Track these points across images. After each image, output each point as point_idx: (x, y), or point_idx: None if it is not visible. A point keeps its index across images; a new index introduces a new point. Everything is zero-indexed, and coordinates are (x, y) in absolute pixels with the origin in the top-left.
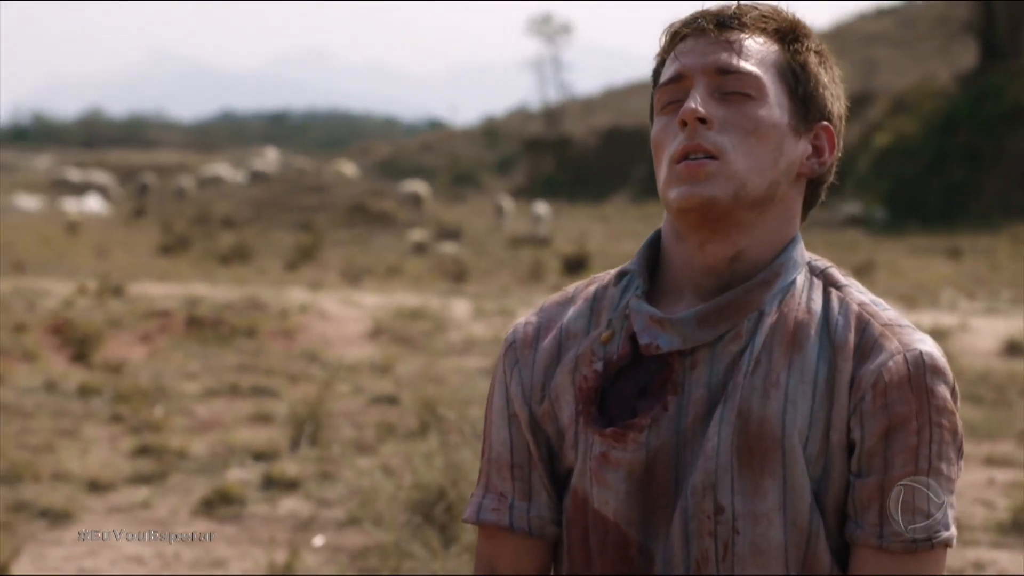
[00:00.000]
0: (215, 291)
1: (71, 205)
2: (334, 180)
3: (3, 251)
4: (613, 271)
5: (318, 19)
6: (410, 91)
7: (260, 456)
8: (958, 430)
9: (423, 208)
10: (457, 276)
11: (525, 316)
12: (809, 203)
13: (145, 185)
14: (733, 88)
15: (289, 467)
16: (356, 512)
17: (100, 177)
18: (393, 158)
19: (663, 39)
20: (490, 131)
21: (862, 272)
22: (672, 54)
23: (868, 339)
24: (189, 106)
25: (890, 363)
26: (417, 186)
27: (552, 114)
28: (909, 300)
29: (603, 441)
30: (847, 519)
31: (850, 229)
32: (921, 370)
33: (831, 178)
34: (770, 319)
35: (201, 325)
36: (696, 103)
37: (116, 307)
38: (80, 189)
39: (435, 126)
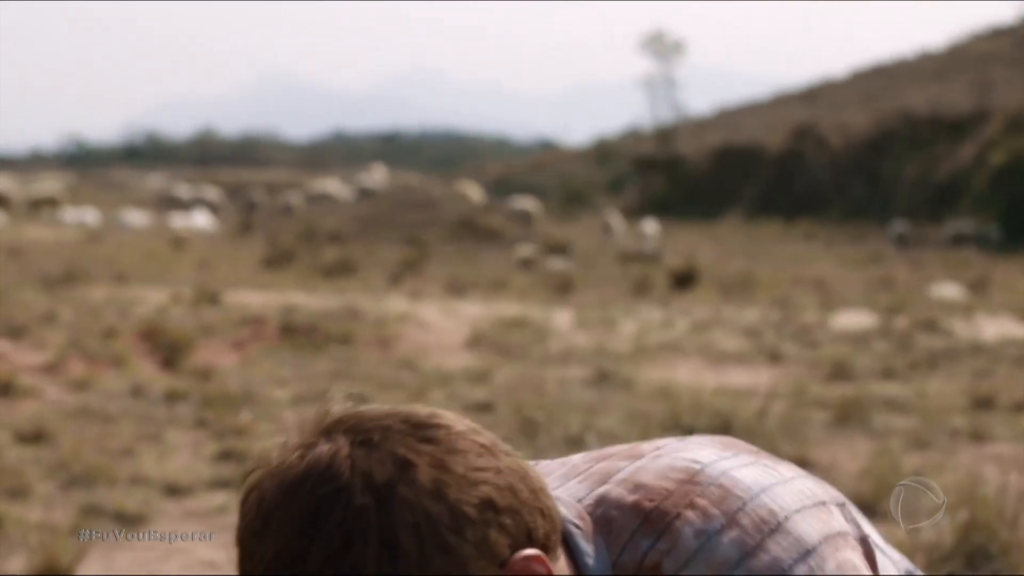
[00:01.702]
0: (312, 300)
1: (178, 220)
2: (442, 196)
3: (107, 265)
4: None
5: (431, 39)
6: (522, 111)
7: None
8: None
9: (532, 225)
10: (563, 289)
11: None
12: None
13: (253, 202)
14: None
15: None
16: None
17: (209, 193)
18: (505, 178)
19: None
20: (602, 151)
21: (977, 287)
22: None
23: None
24: (301, 126)
25: None
26: (526, 203)
27: (664, 134)
28: None
29: None
30: None
31: (963, 247)
32: None
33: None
34: None
35: (295, 332)
36: None
37: (210, 314)
38: (188, 205)
39: (546, 146)
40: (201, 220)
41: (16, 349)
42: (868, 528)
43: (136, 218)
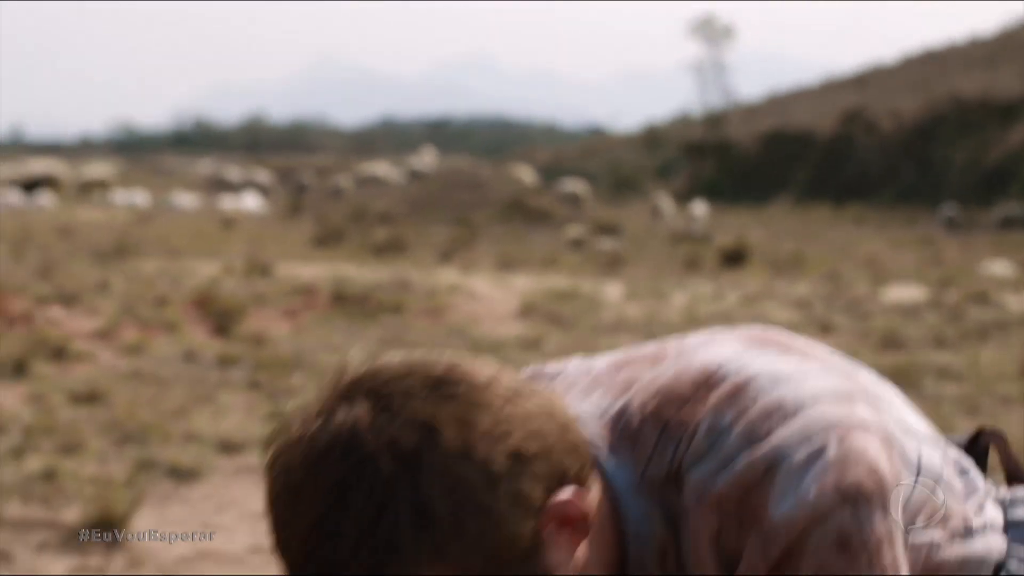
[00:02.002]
0: (363, 273)
1: (228, 202)
2: (492, 178)
3: (158, 244)
4: None
5: (482, 25)
6: (572, 98)
7: None
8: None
9: (582, 207)
10: (613, 266)
11: None
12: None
13: (303, 184)
14: None
15: None
16: None
17: (259, 176)
18: (554, 163)
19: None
20: (651, 137)
21: None
22: None
23: (729, 547)
24: (351, 112)
25: (748, 567)
26: (575, 185)
27: (713, 119)
28: None
29: None
30: None
31: (1012, 230)
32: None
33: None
34: None
35: (347, 302)
36: None
37: (261, 285)
38: (238, 188)
39: (596, 133)
40: (251, 202)
41: (69, 316)
42: (912, 421)
43: (186, 200)
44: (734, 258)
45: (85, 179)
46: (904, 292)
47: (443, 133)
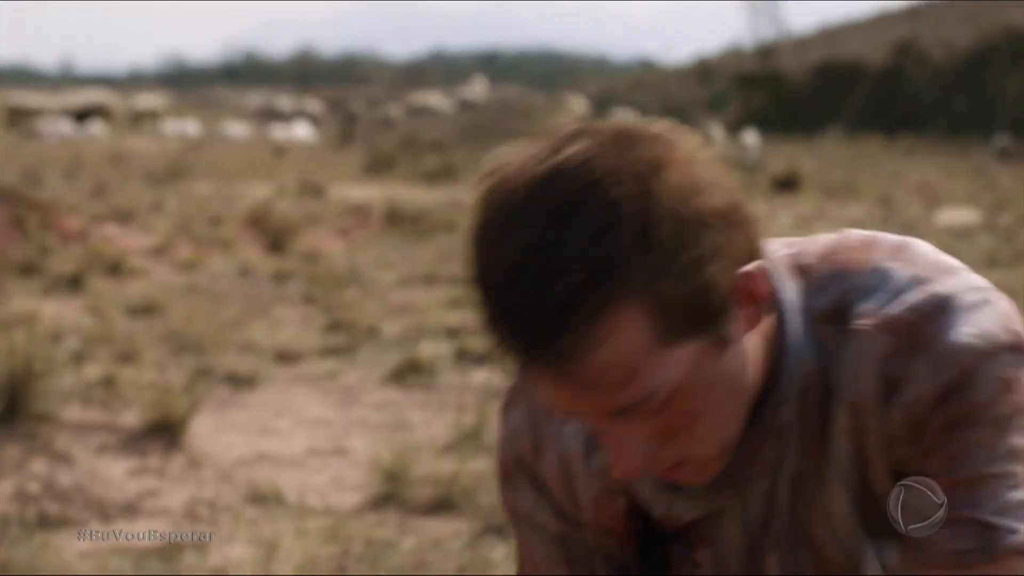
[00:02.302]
0: (415, 194)
1: (279, 132)
2: (543, 107)
3: (210, 171)
4: None
5: None
6: (622, 31)
7: (453, 333)
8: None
9: None
10: None
11: (505, 430)
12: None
13: (353, 114)
14: (642, 413)
15: (483, 343)
16: None
17: (310, 106)
18: (604, 95)
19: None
20: (702, 69)
21: None
22: (526, 372)
23: (894, 370)
24: (400, 45)
25: (917, 388)
26: (627, 115)
27: (765, 51)
28: None
29: None
30: None
31: None
32: (964, 363)
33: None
34: (793, 438)
35: (400, 221)
36: (626, 464)
37: (314, 206)
38: (289, 117)
39: (645, 65)
40: (302, 131)
41: (124, 233)
42: None
43: (237, 130)
44: (786, 184)
45: (136, 109)
46: (957, 215)
47: (493, 65)
